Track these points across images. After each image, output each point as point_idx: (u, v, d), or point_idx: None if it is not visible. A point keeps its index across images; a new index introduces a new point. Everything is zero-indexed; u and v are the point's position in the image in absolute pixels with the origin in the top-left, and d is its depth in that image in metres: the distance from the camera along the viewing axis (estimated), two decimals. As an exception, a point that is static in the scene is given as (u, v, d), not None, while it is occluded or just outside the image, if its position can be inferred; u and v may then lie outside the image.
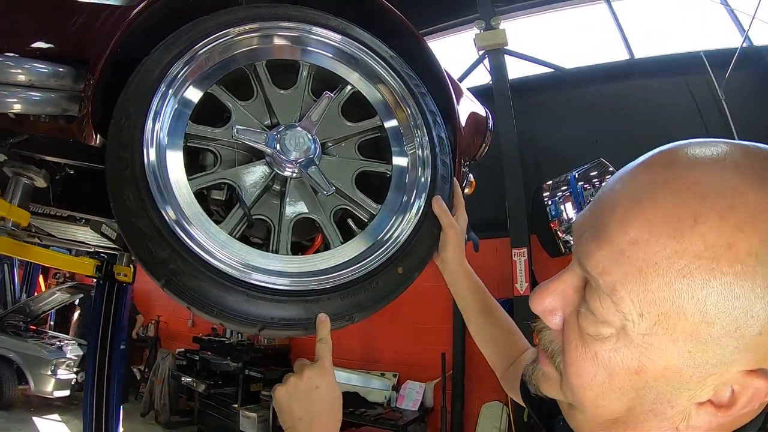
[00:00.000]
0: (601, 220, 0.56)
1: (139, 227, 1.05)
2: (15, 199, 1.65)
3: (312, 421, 0.94)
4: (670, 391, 0.53)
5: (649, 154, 0.57)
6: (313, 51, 1.45)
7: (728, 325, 0.47)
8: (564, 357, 0.60)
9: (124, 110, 1.16)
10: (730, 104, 5.51)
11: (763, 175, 0.49)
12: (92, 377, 4.25)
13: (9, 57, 1.28)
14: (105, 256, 3.96)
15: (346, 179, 1.36)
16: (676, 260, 0.48)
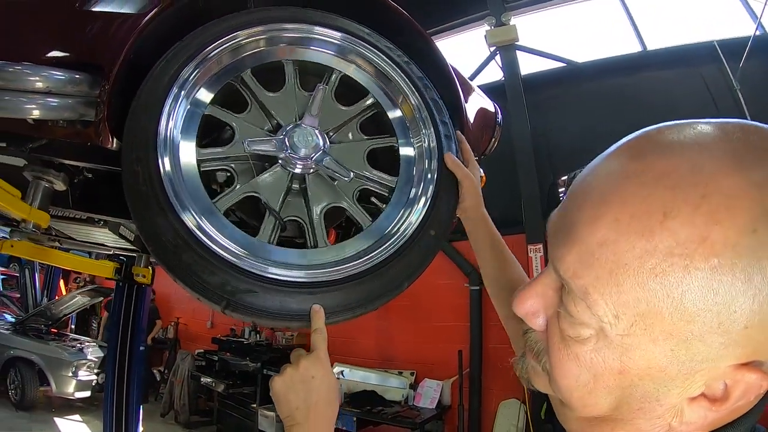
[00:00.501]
0: (570, 219, 0.54)
1: (159, 228, 1.09)
2: (35, 201, 1.69)
3: (309, 410, 0.95)
4: (657, 389, 0.51)
5: (621, 140, 0.55)
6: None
7: (710, 321, 0.45)
8: (549, 358, 0.58)
9: (137, 115, 1.19)
10: (745, 93, 5.43)
11: (743, 156, 0.46)
12: (112, 378, 4.33)
13: (26, 65, 1.31)
14: (124, 258, 4.02)
15: (358, 160, 1.39)
16: (647, 260, 0.46)
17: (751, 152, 0.46)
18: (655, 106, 5.88)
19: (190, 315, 10.01)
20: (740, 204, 0.44)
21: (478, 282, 6.15)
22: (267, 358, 7.35)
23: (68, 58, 1.39)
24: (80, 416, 7.92)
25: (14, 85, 1.27)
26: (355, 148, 1.43)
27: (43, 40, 1.49)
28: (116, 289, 4.45)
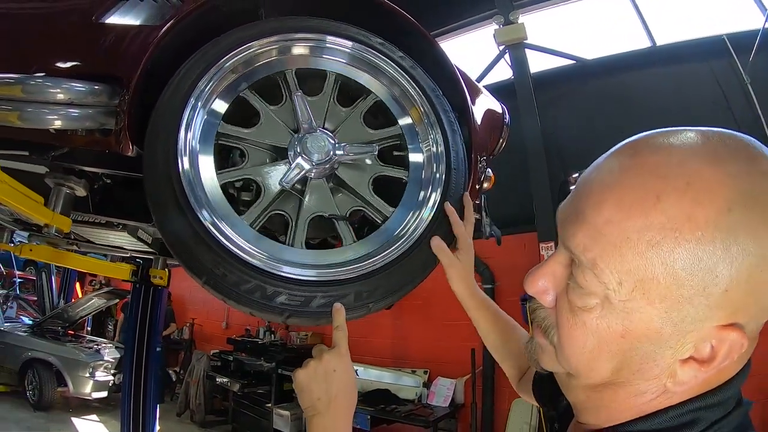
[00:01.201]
0: (579, 205, 0.63)
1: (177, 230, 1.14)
2: (57, 207, 1.74)
3: (330, 401, 1.00)
4: (654, 350, 0.59)
5: (618, 144, 0.65)
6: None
7: (696, 285, 0.54)
8: (558, 329, 0.67)
9: (158, 123, 1.24)
10: (756, 87, 5.41)
11: (719, 154, 0.56)
12: (129, 378, 4.39)
13: (47, 78, 1.37)
14: (140, 261, 4.08)
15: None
16: (645, 233, 0.55)
17: (727, 151, 0.57)
18: (666, 102, 5.88)
19: (205, 316, 10.13)
20: (718, 189, 0.53)
21: (490, 281, 6.21)
22: (282, 358, 7.40)
23: (86, 70, 1.44)
24: (97, 416, 8.04)
25: (36, 97, 1.33)
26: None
27: (60, 52, 1.54)
28: (133, 291, 4.51)
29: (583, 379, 0.67)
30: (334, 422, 1.00)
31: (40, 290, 10.88)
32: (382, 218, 1.39)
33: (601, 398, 0.67)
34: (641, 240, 0.56)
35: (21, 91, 1.34)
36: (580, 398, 0.72)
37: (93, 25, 1.52)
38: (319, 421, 1.00)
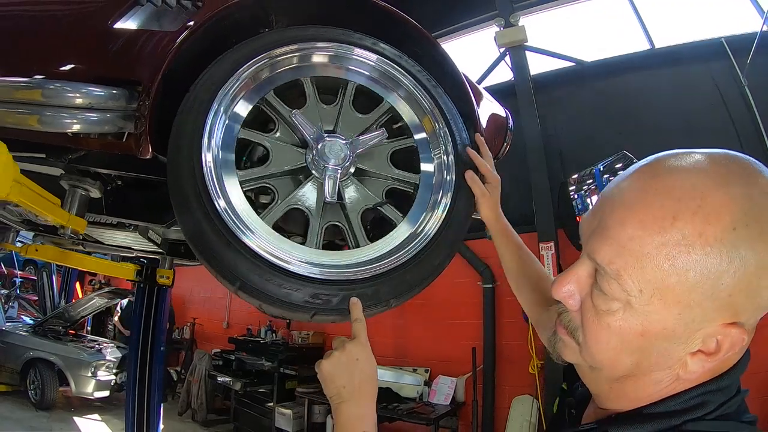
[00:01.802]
0: (604, 221, 0.72)
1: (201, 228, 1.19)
2: (73, 209, 1.79)
3: (353, 389, 1.06)
4: (668, 346, 0.69)
5: (639, 164, 0.73)
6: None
7: (705, 291, 0.64)
8: (583, 330, 0.76)
9: (182, 127, 1.29)
10: (754, 90, 5.45)
11: (725, 177, 0.65)
12: (134, 377, 4.42)
13: (66, 82, 1.40)
14: (145, 261, 4.12)
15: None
16: (663, 248, 0.65)
17: (731, 174, 0.66)
18: (664, 104, 5.92)
19: (206, 315, 10.17)
20: (724, 210, 0.63)
21: (491, 280, 6.24)
22: (283, 357, 7.42)
23: (103, 74, 1.47)
24: (99, 415, 8.05)
25: (55, 101, 1.37)
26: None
27: (78, 56, 1.58)
28: (137, 291, 4.54)
29: (607, 372, 0.77)
30: (358, 408, 1.05)
31: (41, 290, 10.89)
32: (413, 187, 1.51)
33: (623, 388, 0.77)
34: (660, 254, 0.65)
35: (40, 95, 1.38)
36: (603, 389, 0.81)
37: (109, 29, 1.56)
38: (345, 408, 1.05)
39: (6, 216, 2.55)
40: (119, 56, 1.52)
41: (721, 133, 5.57)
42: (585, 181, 5.55)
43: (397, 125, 1.65)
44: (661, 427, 0.70)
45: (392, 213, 1.48)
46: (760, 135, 5.33)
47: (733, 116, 5.57)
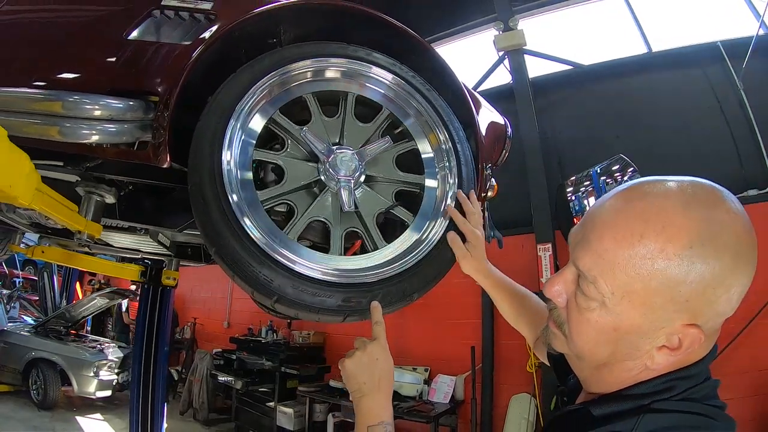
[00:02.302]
0: (587, 235, 0.85)
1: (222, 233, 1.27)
2: (89, 214, 1.85)
3: (373, 385, 1.17)
4: (636, 340, 0.82)
5: (620, 187, 0.86)
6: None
7: (665, 296, 0.76)
8: (568, 324, 0.90)
9: (202, 138, 1.36)
10: (749, 93, 5.52)
11: (689, 204, 0.77)
12: (138, 377, 4.47)
13: (85, 95, 1.45)
14: (149, 262, 4.18)
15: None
16: (631, 260, 0.78)
17: (695, 200, 0.77)
18: (661, 107, 6.00)
19: (206, 315, 10.21)
20: (683, 231, 0.75)
21: (489, 280, 6.26)
22: (284, 356, 7.46)
23: (118, 85, 1.53)
24: (101, 415, 8.09)
25: (75, 113, 1.42)
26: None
27: (93, 67, 1.64)
28: (141, 291, 4.60)
29: (588, 360, 0.91)
30: (377, 402, 1.16)
31: (42, 290, 10.93)
32: (419, 188, 1.61)
33: (601, 374, 0.90)
34: (628, 265, 0.78)
35: (61, 107, 1.42)
36: (586, 374, 0.95)
37: (124, 41, 1.61)
38: (365, 402, 1.16)
39: (15, 219, 2.60)
40: (134, 67, 1.57)
41: (717, 136, 5.66)
42: (582, 183, 5.60)
43: (398, 130, 1.73)
44: (634, 406, 0.82)
45: (404, 214, 1.58)
46: (755, 138, 5.43)
47: (728, 119, 5.66)
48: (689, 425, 0.78)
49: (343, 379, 1.22)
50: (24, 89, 1.56)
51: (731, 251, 0.75)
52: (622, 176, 5.23)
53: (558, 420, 0.99)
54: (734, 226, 0.76)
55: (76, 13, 1.91)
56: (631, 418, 0.79)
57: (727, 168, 5.54)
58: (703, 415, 0.79)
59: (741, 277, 0.76)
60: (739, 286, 0.77)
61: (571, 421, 0.92)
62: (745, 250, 0.77)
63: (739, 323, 4.83)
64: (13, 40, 1.86)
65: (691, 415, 0.79)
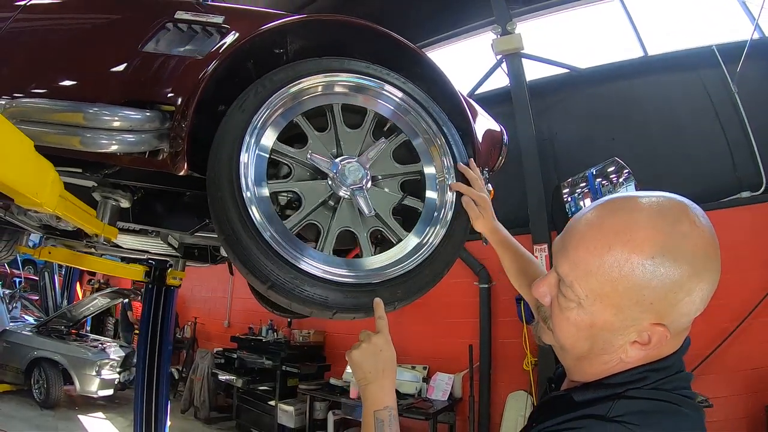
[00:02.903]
0: (566, 245, 0.97)
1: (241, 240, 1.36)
2: (105, 218, 1.93)
3: (378, 374, 1.27)
4: (610, 336, 0.93)
5: (597, 202, 0.97)
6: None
7: (632, 299, 0.87)
8: (552, 320, 1.02)
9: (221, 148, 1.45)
10: (744, 96, 5.60)
11: (654, 218, 0.87)
12: (142, 375, 4.55)
13: (105, 106, 1.53)
14: (153, 262, 4.26)
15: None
16: (601, 268, 0.89)
17: (660, 215, 0.88)
18: (656, 110, 6.09)
19: (206, 315, 10.26)
20: (647, 243, 0.85)
21: (487, 280, 6.38)
22: (285, 355, 7.53)
23: (135, 96, 1.60)
24: (103, 413, 8.14)
25: (95, 124, 1.50)
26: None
27: (110, 78, 1.71)
28: (145, 291, 4.68)
29: (569, 352, 1.02)
30: (382, 388, 1.26)
31: (43, 290, 10.96)
32: (419, 174, 1.74)
33: (582, 365, 1.01)
34: (599, 272, 0.89)
35: (82, 118, 1.50)
36: (569, 364, 1.07)
37: (140, 53, 1.68)
38: (371, 389, 1.26)
39: (25, 221, 2.67)
40: (149, 79, 1.64)
41: (711, 138, 5.74)
42: (578, 185, 5.70)
43: (386, 127, 1.83)
44: (610, 393, 0.92)
45: (414, 202, 1.72)
46: (749, 140, 5.51)
47: (722, 122, 5.73)
48: (655, 410, 0.88)
49: (350, 368, 1.33)
50: (45, 100, 1.63)
51: (691, 261, 0.85)
52: (617, 178, 5.33)
53: (546, 404, 1.10)
54: (695, 239, 0.86)
55: (91, 24, 1.99)
56: (607, 403, 0.90)
57: (721, 170, 5.63)
58: (669, 402, 0.89)
59: (701, 283, 0.86)
60: (701, 291, 0.87)
61: (556, 405, 1.02)
62: (704, 259, 0.86)
63: (732, 322, 4.94)
64: (30, 51, 1.93)
65: (658, 401, 0.89)
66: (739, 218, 5.24)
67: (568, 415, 0.93)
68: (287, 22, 1.64)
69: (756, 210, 5.27)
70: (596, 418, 0.88)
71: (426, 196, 1.72)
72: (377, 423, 1.22)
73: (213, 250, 3.11)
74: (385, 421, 1.23)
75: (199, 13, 1.75)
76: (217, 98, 1.64)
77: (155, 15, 1.77)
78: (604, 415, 0.88)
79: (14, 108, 1.59)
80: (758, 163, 5.44)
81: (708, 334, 4.98)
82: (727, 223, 5.23)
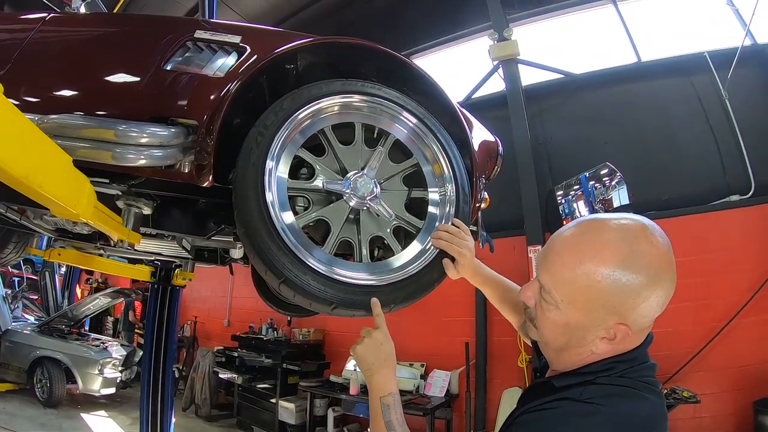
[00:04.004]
0: (546, 257, 1.14)
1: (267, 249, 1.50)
2: (129, 224, 2.04)
3: (380, 365, 1.43)
4: (583, 333, 1.09)
5: (576, 221, 1.14)
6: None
7: (599, 303, 1.03)
8: (537, 319, 1.19)
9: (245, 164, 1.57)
10: (734, 102, 5.73)
11: (620, 237, 1.03)
12: (148, 373, 4.64)
13: (134, 123, 1.62)
14: (158, 263, 4.34)
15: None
16: (574, 278, 1.05)
17: (626, 234, 1.04)
18: (649, 116, 6.20)
19: (206, 314, 10.34)
20: (613, 258, 1.01)
21: (481, 281, 6.44)
22: (285, 353, 7.63)
23: (159, 112, 1.69)
24: (106, 412, 8.20)
25: (126, 140, 1.59)
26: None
27: (134, 95, 1.80)
28: (150, 291, 4.76)
29: (551, 345, 1.19)
30: (385, 377, 1.42)
31: (44, 290, 10.97)
32: (415, 167, 1.88)
33: (561, 356, 1.17)
34: (572, 281, 1.06)
35: (113, 135, 1.59)
36: (551, 356, 1.23)
37: (162, 70, 1.77)
38: (375, 378, 1.43)
39: (40, 225, 2.76)
40: (171, 95, 1.74)
41: (702, 143, 5.87)
42: (572, 188, 5.82)
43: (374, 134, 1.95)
44: (582, 380, 1.07)
45: (420, 192, 1.87)
46: (739, 145, 5.65)
47: (713, 127, 5.86)
48: (618, 394, 1.03)
49: (355, 361, 1.51)
50: (77, 117, 1.72)
51: (646, 273, 1.00)
52: (609, 181, 5.46)
53: (531, 389, 1.26)
54: (652, 255, 1.01)
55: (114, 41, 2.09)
56: (580, 388, 1.05)
57: (711, 174, 5.76)
58: (631, 388, 1.04)
59: (656, 290, 1.01)
60: (657, 298, 1.02)
61: (540, 390, 1.16)
62: (658, 272, 1.01)
63: (720, 322, 5.08)
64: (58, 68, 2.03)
65: (621, 387, 1.04)
66: (728, 221, 5.39)
67: (549, 397, 1.08)
68: (303, 44, 1.75)
69: (744, 213, 5.40)
70: (571, 400, 1.04)
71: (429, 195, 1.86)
72: (383, 407, 1.37)
73: (222, 252, 3.21)
74: (390, 406, 1.38)
75: (217, 32, 1.83)
76: (234, 113, 1.71)
77: (176, 34, 1.86)
78: (577, 398, 1.03)
79: (46, 124, 1.65)
80: (747, 168, 5.56)
81: (697, 334, 5.13)
82: (717, 225, 5.40)
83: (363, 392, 6.30)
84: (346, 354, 7.07)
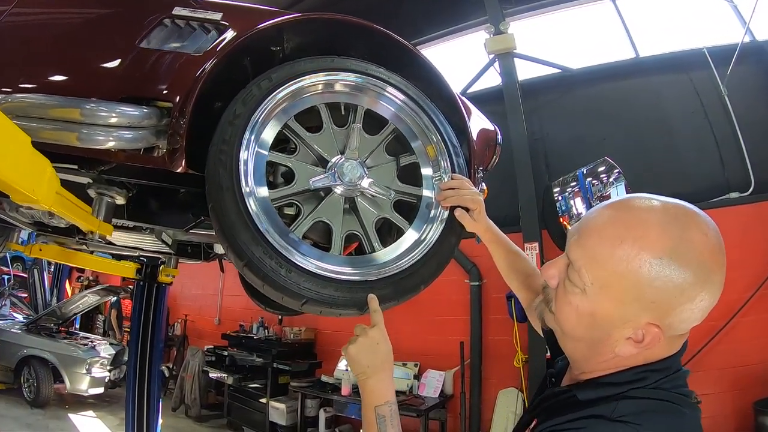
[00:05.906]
0: (581, 233, 0.99)
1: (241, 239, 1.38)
2: (101, 215, 1.91)
3: (376, 367, 1.28)
4: (608, 327, 0.95)
5: (615, 198, 1.00)
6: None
7: (634, 295, 0.89)
8: (555, 303, 1.05)
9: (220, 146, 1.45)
10: (734, 99, 5.67)
11: (667, 221, 0.88)
12: (134, 373, 4.53)
13: (102, 102, 1.52)
14: (144, 259, 4.24)
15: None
16: (610, 259, 0.90)
17: (675, 220, 0.89)
18: (647, 112, 6.14)
19: (197, 312, 10.26)
20: (656, 244, 0.87)
21: (478, 278, 6.43)
22: (276, 352, 7.54)
23: (132, 92, 1.59)
24: (94, 412, 8.10)
25: (93, 120, 1.48)
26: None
27: (109, 75, 1.70)
28: (136, 288, 4.65)
29: (569, 336, 1.05)
30: (381, 382, 1.27)
31: (32, 288, 10.86)
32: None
33: (580, 348, 1.04)
34: (607, 262, 0.91)
35: (79, 114, 1.49)
36: (569, 348, 1.09)
37: (137, 48, 1.67)
38: (370, 383, 1.27)
39: (17, 218, 2.64)
40: (147, 75, 1.64)
41: (701, 139, 5.81)
42: (569, 184, 5.74)
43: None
44: (613, 393, 0.94)
45: (409, 157, 1.79)
46: (738, 141, 5.59)
47: (712, 123, 5.80)
48: (654, 409, 0.90)
49: (347, 363, 1.33)
50: (41, 95, 1.61)
51: (695, 268, 0.86)
52: (607, 177, 5.37)
53: (546, 399, 1.10)
54: (703, 248, 0.87)
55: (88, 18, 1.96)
56: (611, 403, 0.92)
57: (710, 171, 5.71)
58: (669, 402, 0.91)
59: (702, 292, 0.87)
60: (701, 301, 0.88)
61: (559, 402, 1.03)
62: (709, 269, 0.87)
63: (720, 321, 5.00)
64: (26, 46, 1.92)
65: (659, 401, 0.91)
66: (727, 218, 5.28)
67: (573, 414, 0.95)
68: (286, 20, 1.64)
69: (744, 210, 5.34)
70: (602, 419, 0.90)
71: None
72: (379, 419, 1.22)
73: (206, 247, 3.10)
74: (386, 417, 1.23)
75: (197, 9, 1.73)
76: (214, 95, 1.61)
77: (153, 11, 1.75)
78: (609, 416, 0.90)
79: (10, 103, 1.57)
80: (747, 165, 5.51)
81: (697, 333, 5.01)
82: (716, 223, 5.29)
83: (355, 393, 6.25)
84: (337, 353, 6.98)
